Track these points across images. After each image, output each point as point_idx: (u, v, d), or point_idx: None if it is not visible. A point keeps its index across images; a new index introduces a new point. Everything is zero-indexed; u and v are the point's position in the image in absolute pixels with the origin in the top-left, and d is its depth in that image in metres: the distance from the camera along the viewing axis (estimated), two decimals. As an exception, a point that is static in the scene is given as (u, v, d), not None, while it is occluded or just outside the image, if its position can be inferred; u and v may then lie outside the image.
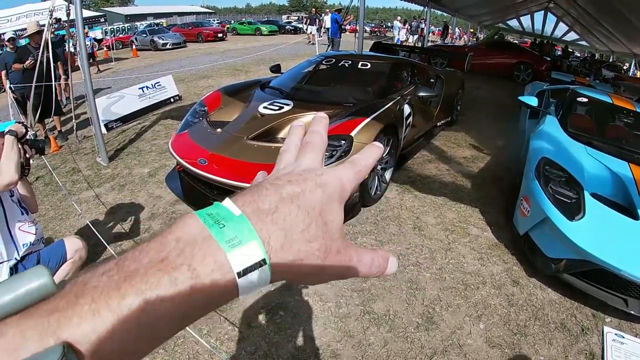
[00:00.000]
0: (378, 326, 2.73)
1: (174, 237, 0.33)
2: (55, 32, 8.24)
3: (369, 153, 0.46)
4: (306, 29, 23.75)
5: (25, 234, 2.51)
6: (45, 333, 0.27)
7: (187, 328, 2.48)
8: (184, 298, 0.30)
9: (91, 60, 11.89)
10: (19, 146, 2.32)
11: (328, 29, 18.76)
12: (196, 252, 0.31)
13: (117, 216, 4.04)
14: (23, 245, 2.48)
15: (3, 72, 6.11)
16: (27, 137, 2.42)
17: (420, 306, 2.92)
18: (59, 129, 6.42)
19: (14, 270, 2.42)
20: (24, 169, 2.41)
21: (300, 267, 0.36)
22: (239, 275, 0.32)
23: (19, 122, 2.37)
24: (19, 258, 2.44)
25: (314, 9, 23.89)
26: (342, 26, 14.29)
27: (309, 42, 20.76)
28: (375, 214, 4.06)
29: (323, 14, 20.66)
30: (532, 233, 3.36)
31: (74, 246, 2.69)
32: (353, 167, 0.43)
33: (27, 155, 2.44)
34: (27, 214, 2.58)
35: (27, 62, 5.95)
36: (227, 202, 0.36)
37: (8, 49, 6.46)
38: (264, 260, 0.33)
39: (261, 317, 2.75)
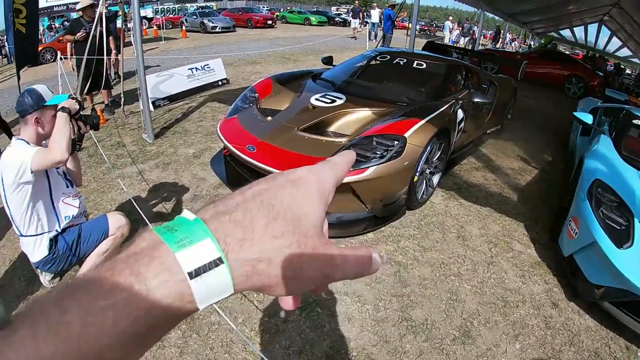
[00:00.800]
0: (415, 334, 2.66)
1: (125, 251, 0.31)
2: (108, 8, 8.42)
3: (345, 154, 0.45)
4: (350, 23, 23.57)
5: (68, 206, 2.55)
6: None
7: (222, 314, 2.51)
8: (129, 306, 0.27)
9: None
10: (72, 123, 2.34)
11: (374, 24, 18.70)
12: (142, 257, 0.30)
13: (160, 194, 4.08)
14: (65, 217, 2.52)
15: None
16: (81, 112, 2.44)
17: (459, 319, 2.84)
18: (106, 102, 6.58)
19: (53, 241, 2.45)
20: (75, 144, 2.43)
21: (269, 268, 0.32)
22: (191, 276, 0.29)
23: (73, 98, 2.38)
24: (59, 230, 2.48)
25: (357, 2, 23.64)
26: (395, 22, 14.23)
27: (353, 36, 20.60)
28: (419, 218, 3.97)
29: (371, 9, 20.46)
30: (576, 256, 3.20)
31: (117, 223, 2.71)
32: (329, 163, 0.42)
33: (82, 132, 2.47)
34: (72, 186, 2.62)
35: (79, 34, 6.09)
36: (184, 212, 0.34)
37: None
38: (219, 259, 0.30)
39: (297, 312, 2.72)
